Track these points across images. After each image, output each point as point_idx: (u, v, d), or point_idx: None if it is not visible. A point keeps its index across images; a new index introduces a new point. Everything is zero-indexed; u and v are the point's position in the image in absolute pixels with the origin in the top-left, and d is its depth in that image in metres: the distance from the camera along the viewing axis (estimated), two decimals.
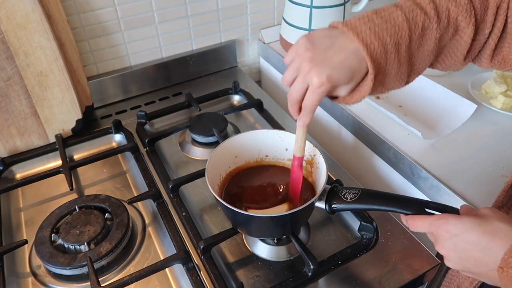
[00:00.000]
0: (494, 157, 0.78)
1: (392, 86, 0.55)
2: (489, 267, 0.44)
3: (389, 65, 0.51)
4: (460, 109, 0.86)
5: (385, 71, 0.51)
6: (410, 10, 0.51)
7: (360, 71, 0.50)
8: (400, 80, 0.54)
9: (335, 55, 0.49)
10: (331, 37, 0.50)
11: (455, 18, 0.52)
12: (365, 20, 0.50)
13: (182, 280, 0.65)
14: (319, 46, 0.50)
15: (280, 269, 0.65)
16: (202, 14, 1.05)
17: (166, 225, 0.70)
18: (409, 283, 0.63)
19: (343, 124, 0.95)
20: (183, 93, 1.07)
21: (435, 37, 0.52)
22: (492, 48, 0.56)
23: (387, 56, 0.50)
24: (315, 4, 0.99)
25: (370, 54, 0.48)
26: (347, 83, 0.50)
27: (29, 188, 0.81)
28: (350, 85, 0.51)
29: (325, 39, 0.50)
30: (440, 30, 0.52)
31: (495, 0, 0.53)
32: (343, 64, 0.49)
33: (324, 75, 0.48)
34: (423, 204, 0.52)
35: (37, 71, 0.83)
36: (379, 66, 0.50)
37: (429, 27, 0.51)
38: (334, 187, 0.61)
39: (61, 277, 0.66)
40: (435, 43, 0.52)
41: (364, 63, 0.49)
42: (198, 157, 0.88)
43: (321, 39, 0.51)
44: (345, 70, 0.49)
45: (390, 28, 0.50)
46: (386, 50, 0.49)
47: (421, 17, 0.51)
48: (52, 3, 0.82)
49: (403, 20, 0.50)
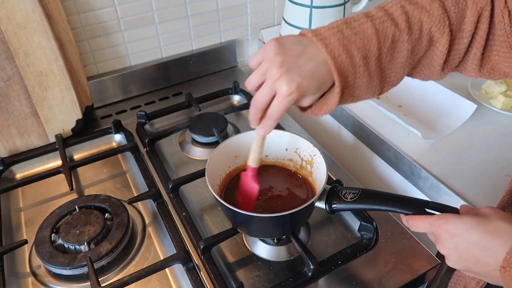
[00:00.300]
0: (494, 157, 0.78)
1: (364, 97, 0.53)
2: (491, 267, 0.44)
3: (358, 78, 0.50)
4: (460, 109, 0.86)
5: (354, 84, 0.50)
6: (380, 22, 0.50)
7: (327, 82, 0.49)
8: (372, 91, 0.53)
9: (305, 63, 0.47)
10: (301, 44, 0.49)
11: (428, 29, 0.51)
12: (334, 30, 0.49)
13: (182, 280, 0.65)
14: (290, 52, 0.48)
15: (280, 269, 0.65)
16: (202, 14, 1.05)
17: (166, 225, 0.70)
18: (409, 283, 0.63)
19: (343, 124, 0.95)
20: (183, 93, 1.07)
21: (407, 49, 0.51)
22: (478, 58, 0.55)
23: (355, 70, 0.49)
24: (315, 4, 0.99)
25: (337, 67, 0.47)
26: (314, 93, 0.49)
27: (29, 188, 0.81)
28: (315, 96, 0.50)
29: (296, 46, 0.49)
30: (411, 42, 0.51)
31: (475, 9, 0.52)
32: (313, 73, 0.47)
33: (295, 83, 0.46)
34: (423, 204, 0.52)
35: (37, 71, 0.83)
36: (347, 79, 0.49)
37: (400, 39, 0.50)
38: (334, 187, 0.60)
39: (61, 277, 0.66)
40: (408, 55, 0.51)
41: (331, 75, 0.48)
42: (198, 157, 0.88)
43: (292, 45, 0.49)
44: (314, 80, 0.47)
45: (359, 41, 0.48)
46: (354, 63, 0.48)
47: (391, 29, 0.50)
48: (52, 3, 0.82)
49: (372, 32, 0.49)
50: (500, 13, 0.52)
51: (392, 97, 0.96)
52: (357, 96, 0.52)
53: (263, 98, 0.49)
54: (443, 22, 0.51)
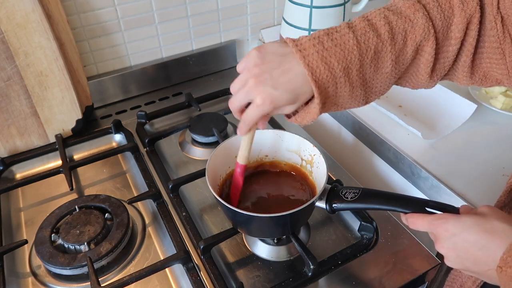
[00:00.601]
0: (494, 157, 0.78)
1: (349, 106, 0.54)
2: (489, 266, 0.44)
3: (340, 89, 0.50)
4: (460, 109, 0.86)
5: (336, 94, 0.51)
6: (362, 33, 0.50)
7: (305, 94, 0.50)
8: (356, 101, 0.53)
9: (281, 75, 0.49)
10: (281, 55, 0.50)
11: (412, 39, 0.51)
12: (315, 42, 0.49)
13: (182, 280, 0.65)
14: (267, 64, 0.50)
15: (280, 269, 0.65)
16: (202, 14, 1.05)
17: (166, 225, 0.70)
18: (409, 283, 0.63)
19: (343, 124, 0.95)
20: (183, 93, 1.07)
21: (391, 59, 0.51)
22: (468, 65, 0.55)
23: (336, 81, 0.49)
24: (315, 4, 0.99)
25: (315, 79, 0.48)
26: (291, 104, 0.50)
27: (29, 188, 0.81)
28: (295, 105, 0.51)
29: (275, 57, 0.50)
30: (395, 52, 0.51)
31: (464, 16, 0.52)
32: (287, 86, 0.49)
33: (266, 94, 0.49)
34: (423, 203, 0.52)
35: (37, 71, 0.83)
36: (327, 90, 0.49)
37: (383, 50, 0.50)
38: (335, 186, 0.61)
39: (61, 277, 0.66)
40: (393, 65, 0.51)
41: (309, 86, 0.49)
42: (198, 157, 0.88)
43: (271, 56, 0.50)
44: (288, 92, 0.49)
45: (339, 53, 0.49)
46: (334, 75, 0.49)
47: (373, 40, 0.50)
48: (52, 3, 0.82)
49: (353, 44, 0.49)
50: (493, 19, 0.52)
51: (392, 97, 0.96)
52: (341, 105, 0.53)
53: (238, 102, 0.52)
54: (427, 30, 0.51)
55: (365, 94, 0.53)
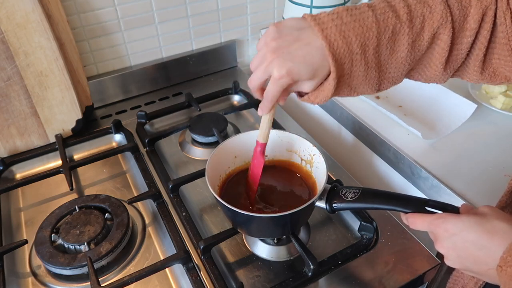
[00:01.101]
0: (494, 157, 0.78)
1: (362, 90, 0.53)
2: (489, 266, 0.44)
3: (355, 67, 0.50)
4: (460, 109, 0.86)
5: (351, 73, 0.50)
6: (382, 12, 0.50)
7: (323, 68, 0.49)
8: (370, 85, 0.53)
9: (299, 49, 0.49)
10: (299, 29, 0.50)
11: (430, 25, 0.51)
12: (334, 16, 0.49)
13: (182, 280, 0.65)
14: (285, 37, 0.50)
15: (280, 269, 0.65)
16: (202, 14, 1.05)
17: (166, 225, 0.70)
18: (409, 283, 0.63)
19: (343, 124, 0.95)
20: (183, 93, 1.07)
21: (407, 42, 0.50)
22: (480, 59, 0.54)
23: (352, 57, 0.49)
24: (315, 4, 0.99)
25: (332, 52, 0.48)
26: (309, 79, 0.50)
27: (29, 188, 0.81)
28: (313, 81, 0.51)
29: (293, 31, 0.50)
30: (412, 35, 0.50)
31: (480, 7, 0.51)
32: (305, 59, 0.48)
33: (285, 68, 0.48)
34: (423, 202, 0.52)
35: (37, 71, 0.83)
36: (343, 66, 0.49)
37: (401, 31, 0.50)
38: (335, 186, 0.60)
39: (61, 277, 0.66)
40: (409, 50, 0.51)
41: (327, 61, 0.49)
42: (198, 157, 0.88)
43: (289, 30, 0.50)
44: (307, 65, 0.49)
45: (358, 28, 0.49)
46: (351, 50, 0.49)
47: (392, 20, 0.50)
48: (52, 3, 0.82)
49: (372, 21, 0.49)
50: (502, 14, 0.52)
51: (392, 97, 0.96)
52: (354, 87, 0.53)
53: (257, 80, 0.52)
54: (445, 17, 0.50)
55: (379, 77, 0.52)
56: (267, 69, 0.50)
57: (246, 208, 0.64)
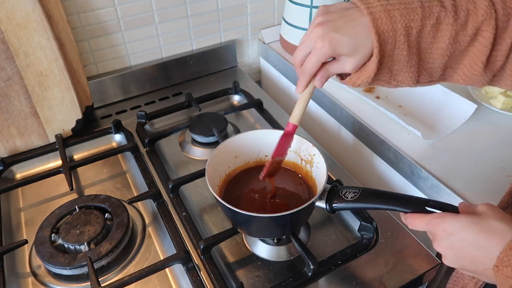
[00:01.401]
0: (494, 157, 0.78)
1: (402, 78, 0.54)
2: (486, 266, 0.44)
3: (397, 49, 0.51)
4: (460, 109, 0.86)
5: (393, 55, 0.51)
6: (428, 0, 0.51)
7: (365, 45, 0.50)
8: (410, 73, 0.53)
9: (344, 23, 0.51)
10: (345, 9, 0.52)
11: (474, 19, 0.51)
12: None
13: (182, 280, 0.65)
14: (332, 15, 0.52)
15: (280, 269, 0.65)
16: (202, 14, 1.05)
17: (166, 225, 0.70)
18: (409, 283, 0.63)
19: (343, 124, 0.95)
20: (183, 93, 1.07)
21: (450, 33, 0.51)
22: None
23: (395, 38, 0.50)
24: (315, 4, 0.99)
25: (376, 28, 0.49)
26: (350, 53, 0.51)
27: (29, 188, 0.81)
28: (355, 59, 0.51)
29: (339, 9, 0.52)
30: (456, 27, 0.51)
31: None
32: (348, 31, 0.50)
33: (327, 38, 0.50)
34: (423, 202, 0.52)
35: (37, 71, 0.83)
36: (386, 46, 0.50)
37: (445, 21, 0.50)
38: (335, 186, 0.60)
39: (61, 277, 0.66)
40: (450, 41, 0.51)
41: (370, 39, 0.50)
42: (198, 157, 0.88)
43: (336, 8, 0.53)
44: (349, 37, 0.50)
45: (403, 9, 0.50)
46: (394, 29, 0.49)
47: (437, 8, 0.50)
48: (52, 3, 0.82)
49: (418, 6, 0.50)
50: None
51: (392, 97, 0.96)
52: (395, 74, 0.53)
53: (299, 54, 0.54)
54: (489, 14, 0.50)
55: (418, 66, 0.53)
56: (310, 42, 0.52)
57: (246, 208, 0.64)
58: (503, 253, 0.42)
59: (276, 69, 1.16)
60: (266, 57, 1.19)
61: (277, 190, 0.68)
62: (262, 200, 0.66)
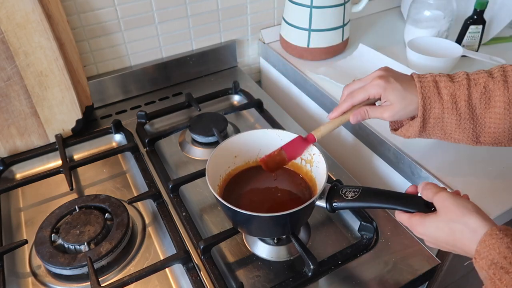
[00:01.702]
0: (494, 157, 0.77)
1: (459, 138, 0.61)
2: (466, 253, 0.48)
3: (446, 114, 0.58)
4: None
5: (443, 118, 0.59)
6: (475, 73, 0.59)
7: (411, 102, 0.60)
8: (465, 135, 0.60)
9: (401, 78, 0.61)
10: (404, 75, 0.63)
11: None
12: (433, 74, 0.61)
13: (182, 280, 0.65)
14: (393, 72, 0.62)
15: (280, 269, 0.65)
16: (202, 14, 1.05)
17: (166, 225, 0.70)
18: (409, 283, 0.63)
19: (343, 124, 0.95)
20: (183, 93, 1.07)
21: (503, 100, 0.56)
22: None
23: (443, 104, 0.58)
24: (315, 4, 0.99)
25: (423, 93, 0.58)
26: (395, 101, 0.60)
27: (29, 188, 0.81)
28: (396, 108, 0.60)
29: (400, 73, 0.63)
30: (508, 94, 0.55)
31: None
32: (402, 83, 0.59)
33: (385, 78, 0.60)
34: (423, 201, 0.52)
35: (37, 71, 0.83)
36: (432, 110, 0.58)
37: (494, 88, 0.56)
38: (335, 185, 0.61)
39: (61, 277, 0.66)
40: (505, 107, 0.56)
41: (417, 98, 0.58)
42: (198, 157, 0.88)
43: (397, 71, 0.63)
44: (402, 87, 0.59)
45: (449, 81, 0.59)
46: (440, 96, 0.58)
47: (484, 78, 0.57)
48: (52, 3, 0.82)
49: (463, 78, 0.58)
50: None
51: None
52: (449, 133, 0.61)
53: (354, 85, 0.64)
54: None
55: (475, 129, 0.59)
56: (368, 78, 0.62)
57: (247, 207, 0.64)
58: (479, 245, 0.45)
59: (276, 69, 1.16)
60: (266, 57, 1.19)
61: (277, 189, 0.68)
62: (262, 199, 0.66)
